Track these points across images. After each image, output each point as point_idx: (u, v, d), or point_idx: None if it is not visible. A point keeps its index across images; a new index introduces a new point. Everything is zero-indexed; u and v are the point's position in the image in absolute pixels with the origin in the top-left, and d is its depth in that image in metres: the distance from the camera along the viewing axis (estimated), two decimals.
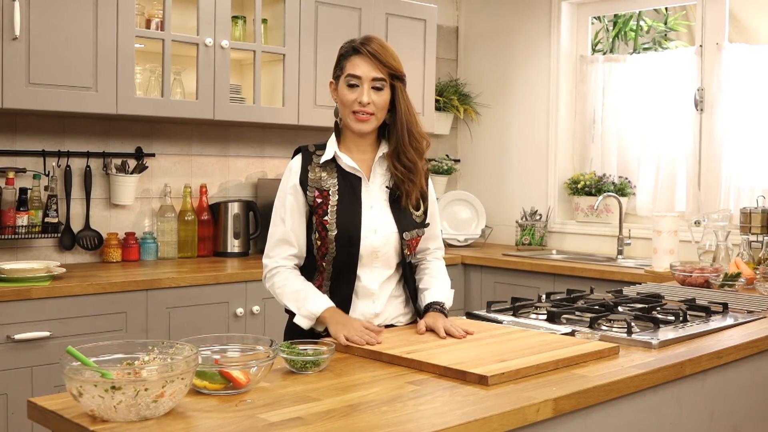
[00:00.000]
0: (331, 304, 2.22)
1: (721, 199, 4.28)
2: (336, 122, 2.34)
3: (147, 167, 3.88)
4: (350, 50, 2.26)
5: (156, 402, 1.46)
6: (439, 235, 2.48)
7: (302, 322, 2.21)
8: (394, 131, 2.29)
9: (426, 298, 2.34)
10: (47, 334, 3.02)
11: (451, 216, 4.92)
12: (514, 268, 4.27)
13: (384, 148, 2.32)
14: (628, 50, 5.19)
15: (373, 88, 2.22)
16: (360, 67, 2.22)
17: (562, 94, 4.87)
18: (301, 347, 1.90)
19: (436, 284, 2.37)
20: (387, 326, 2.32)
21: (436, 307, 2.29)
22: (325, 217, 2.25)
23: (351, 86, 2.23)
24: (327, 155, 2.29)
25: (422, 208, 2.36)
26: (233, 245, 4.10)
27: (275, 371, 1.82)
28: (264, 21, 4.01)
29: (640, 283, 3.39)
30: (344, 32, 4.14)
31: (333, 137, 2.33)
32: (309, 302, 2.21)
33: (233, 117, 3.85)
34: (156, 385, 1.45)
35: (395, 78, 2.26)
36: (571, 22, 4.90)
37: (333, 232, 2.24)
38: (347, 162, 2.29)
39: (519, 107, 5.04)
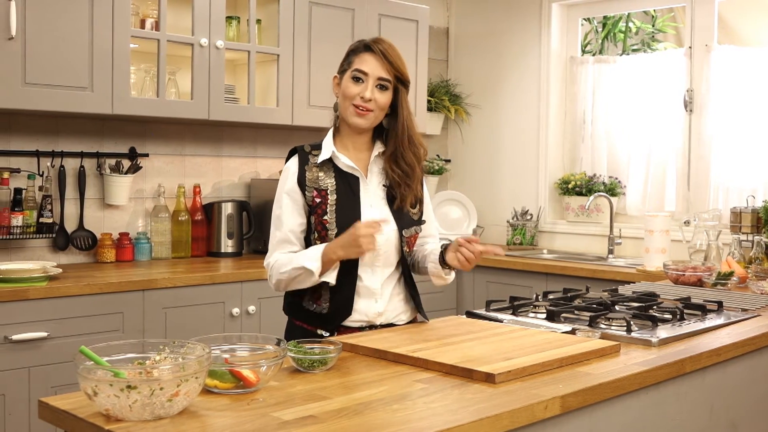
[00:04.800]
0: (322, 246, 2.22)
1: (710, 198, 4.33)
2: (334, 119, 2.34)
3: (141, 167, 3.87)
4: (361, 47, 2.28)
5: (171, 401, 1.47)
6: (436, 234, 2.52)
7: (309, 277, 2.20)
8: (394, 134, 2.30)
9: (438, 249, 2.37)
10: (45, 334, 3.01)
11: (443, 216, 4.95)
12: (506, 268, 4.30)
13: (380, 147, 2.33)
14: (617, 52, 5.23)
15: (377, 86, 2.24)
16: (369, 63, 2.25)
17: (552, 95, 4.91)
18: (308, 346, 1.92)
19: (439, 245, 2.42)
20: (388, 325, 2.34)
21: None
22: (325, 217, 2.25)
23: (356, 80, 2.25)
24: (324, 155, 2.29)
25: (418, 207, 2.38)
26: (227, 245, 4.10)
27: (282, 370, 1.83)
28: (258, 21, 4.01)
29: (633, 282, 3.42)
30: (338, 33, 4.17)
31: (329, 136, 2.33)
32: (307, 254, 2.21)
33: (228, 117, 3.85)
34: (171, 384, 1.46)
35: (400, 82, 2.28)
36: (561, 24, 4.94)
37: (333, 232, 2.24)
38: (345, 161, 2.29)
39: (509, 108, 5.07)
